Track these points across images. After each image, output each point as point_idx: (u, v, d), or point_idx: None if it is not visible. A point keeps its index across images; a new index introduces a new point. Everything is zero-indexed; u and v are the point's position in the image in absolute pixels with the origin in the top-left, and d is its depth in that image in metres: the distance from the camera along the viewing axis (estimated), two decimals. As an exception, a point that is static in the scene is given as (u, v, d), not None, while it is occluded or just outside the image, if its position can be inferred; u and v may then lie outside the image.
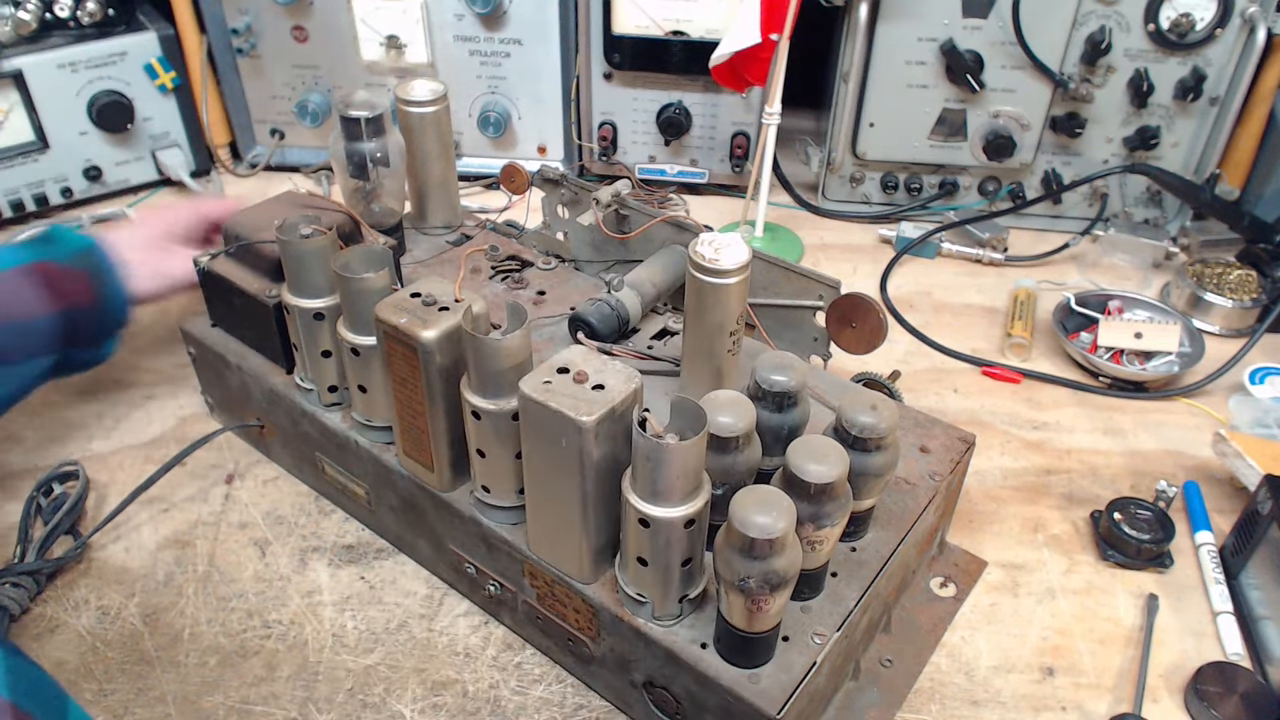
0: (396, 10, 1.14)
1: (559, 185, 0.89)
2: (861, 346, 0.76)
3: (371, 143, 0.81)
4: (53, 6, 1.09)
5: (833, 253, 1.16)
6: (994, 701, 0.67)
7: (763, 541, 0.49)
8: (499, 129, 1.21)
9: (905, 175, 1.19)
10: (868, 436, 0.58)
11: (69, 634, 0.70)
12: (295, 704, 0.66)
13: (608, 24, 1.11)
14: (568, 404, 0.54)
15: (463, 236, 0.91)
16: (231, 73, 1.20)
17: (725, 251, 0.63)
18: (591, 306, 0.75)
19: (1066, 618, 0.73)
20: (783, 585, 0.51)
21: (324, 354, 0.71)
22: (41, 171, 1.14)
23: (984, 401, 0.94)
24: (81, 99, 1.13)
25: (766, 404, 0.61)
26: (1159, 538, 0.76)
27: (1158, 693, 0.68)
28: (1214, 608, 0.74)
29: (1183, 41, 1.05)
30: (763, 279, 0.79)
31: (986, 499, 0.83)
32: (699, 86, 1.16)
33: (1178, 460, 0.87)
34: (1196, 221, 1.15)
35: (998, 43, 1.07)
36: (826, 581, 0.62)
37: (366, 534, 0.78)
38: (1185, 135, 1.12)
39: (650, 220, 0.83)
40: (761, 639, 0.55)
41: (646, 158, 1.22)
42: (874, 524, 0.66)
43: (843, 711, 0.65)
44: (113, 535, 0.78)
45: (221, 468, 0.84)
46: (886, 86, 1.12)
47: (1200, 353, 0.96)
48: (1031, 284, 1.07)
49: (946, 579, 0.76)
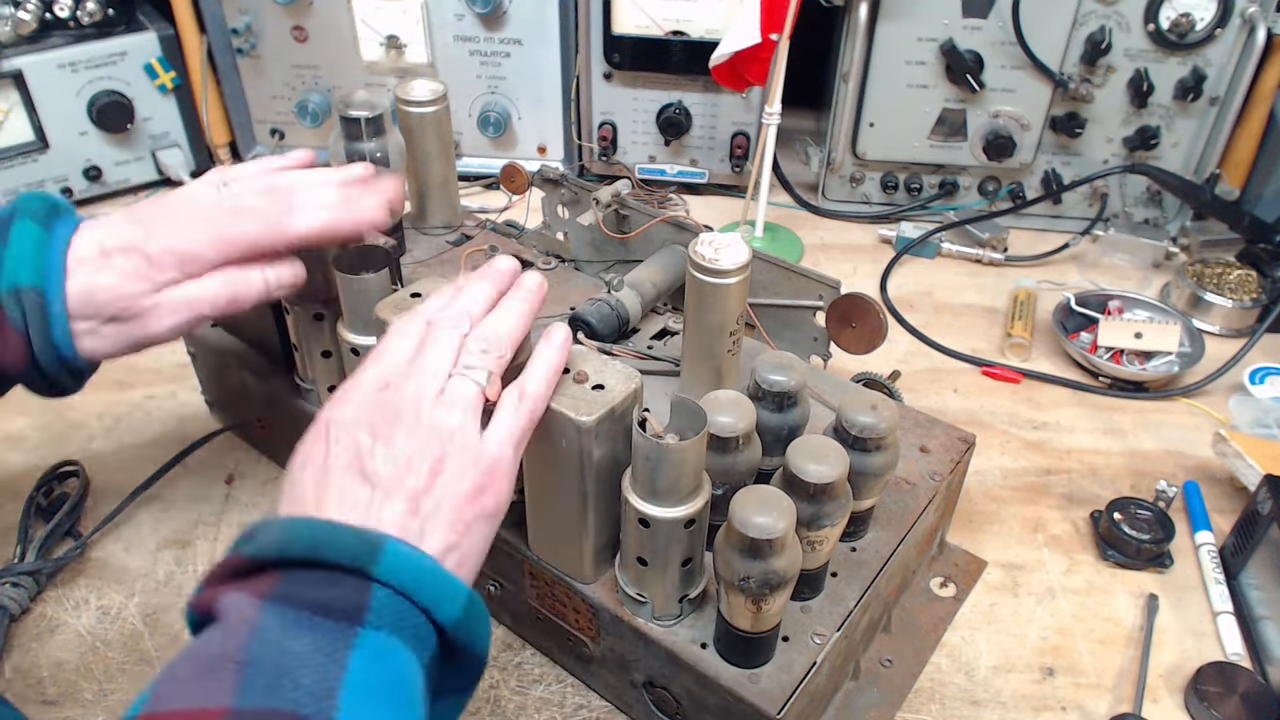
0: (396, 10, 1.14)
1: (559, 185, 0.89)
2: (861, 346, 0.76)
3: (371, 143, 0.81)
4: (53, 6, 1.09)
5: (833, 253, 1.16)
6: (994, 701, 0.67)
7: (763, 541, 0.49)
8: (499, 129, 1.21)
9: (905, 175, 1.19)
10: (868, 436, 0.58)
11: (69, 634, 0.70)
12: (295, 704, 0.66)
13: (608, 24, 1.11)
14: (568, 404, 0.54)
15: (463, 236, 0.91)
16: (231, 73, 1.20)
17: (725, 251, 0.63)
18: (591, 306, 0.75)
19: (1066, 618, 0.73)
20: (783, 585, 0.51)
21: (324, 354, 0.71)
22: (41, 171, 1.14)
23: (984, 401, 0.94)
24: (81, 99, 1.13)
25: (766, 404, 0.61)
26: (1159, 538, 0.76)
27: (1158, 693, 0.68)
28: (1214, 608, 0.74)
29: (1183, 41, 1.05)
30: (763, 279, 0.79)
31: (986, 499, 0.83)
32: (699, 86, 1.16)
33: (1178, 460, 0.87)
34: (1196, 221, 1.15)
35: (998, 43, 1.07)
36: (826, 581, 0.62)
37: (366, 534, 0.78)
38: (1185, 135, 1.11)
39: (650, 220, 0.83)
40: (761, 639, 0.55)
41: (646, 158, 1.22)
42: (874, 524, 0.66)
43: (843, 711, 0.65)
44: (113, 535, 0.78)
45: (221, 468, 0.84)
46: (886, 86, 1.12)
47: (1200, 353, 0.96)
48: (1031, 284, 1.07)
49: (946, 579, 0.76)
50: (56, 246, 0.58)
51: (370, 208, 0.65)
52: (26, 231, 0.58)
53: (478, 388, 0.51)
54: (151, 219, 0.60)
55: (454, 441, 0.48)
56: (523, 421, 0.51)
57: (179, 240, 0.59)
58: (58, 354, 0.58)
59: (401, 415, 0.48)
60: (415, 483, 0.47)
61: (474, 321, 0.54)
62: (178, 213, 0.61)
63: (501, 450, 0.50)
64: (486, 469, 0.49)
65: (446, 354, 0.51)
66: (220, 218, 0.61)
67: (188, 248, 0.59)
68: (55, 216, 0.60)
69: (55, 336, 0.58)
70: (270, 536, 0.44)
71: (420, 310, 0.55)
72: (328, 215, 0.63)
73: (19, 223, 0.58)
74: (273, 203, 0.62)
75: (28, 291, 0.56)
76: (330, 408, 0.50)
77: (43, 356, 0.58)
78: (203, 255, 0.60)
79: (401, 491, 0.46)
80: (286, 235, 0.61)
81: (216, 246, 0.60)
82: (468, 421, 0.49)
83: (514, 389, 0.52)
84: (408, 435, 0.48)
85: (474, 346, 0.52)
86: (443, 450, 0.48)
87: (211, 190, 0.62)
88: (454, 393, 0.50)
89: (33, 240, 0.58)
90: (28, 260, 0.57)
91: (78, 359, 0.59)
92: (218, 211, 0.61)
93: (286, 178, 0.64)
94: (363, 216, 0.64)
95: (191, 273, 0.60)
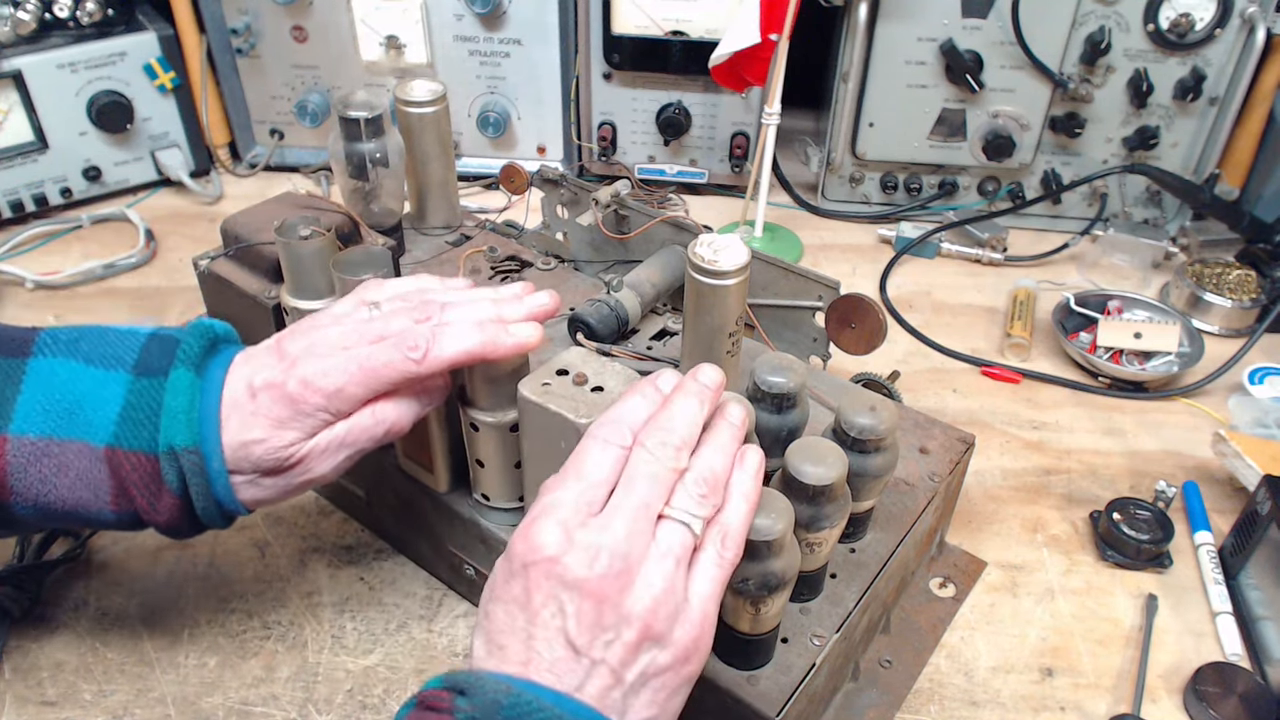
0: (396, 10, 1.14)
1: (558, 185, 0.89)
2: (861, 347, 0.76)
3: (371, 143, 0.81)
4: (52, 6, 1.09)
5: (832, 253, 1.16)
6: (993, 702, 0.67)
7: (761, 543, 0.49)
8: (498, 129, 1.21)
9: (905, 175, 1.19)
10: (867, 437, 0.58)
11: (69, 634, 0.70)
12: (295, 705, 0.66)
13: (607, 24, 1.11)
14: (567, 406, 0.54)
15: (462, 237, 0.91)
16: (231, 73, 1.20)
17: (724, 252, 0.63)
18: (591, 307, 0.75)
19: (1066, 618, 0.73)
20: (781, 587, 0.51)
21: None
22: (41, 172, 1.14)
23: (983, 402, 0.94)
24: (81, 99, 1.13)
25: (765, 405, 0.61)
26: (1158, 538, 0.76)
27: (1157, 693, 0.68)
28: (1213, 608, 0.74)
29: (1182, 41, 1.05)
30: (762, 279, 0.79)
31: (986, 499, 0.83)
32: (699, 86, 1.16)
33: (1177, 460, 0.88)
34: (1196, 221, 1.15)
35: (997, 43, 1.07)
36: (826, 583, 0.62)
37: (366, 535, 0.78)
38: (1185, 135, 1.11)
39: (650, 220, 0.83)
40: (760, 641, 0.55)
41: (646, 158, 1.22)
42: (873, 525, 0.66)
43: (842, 712, 0.65)
44: (113, 535, 0.77)
45: (221, 468, 0.84)
46: (886, 86, 1.12)
47: (1200, 353, 0.96)
48: (1031, 284, 1.07)
49: (946, 579, 0.76)
50: (210, 397, 0.55)
51: (524, 335, 0.58)
52: (181, 382, 0.55)
53: (693, 539, 0.46)
54: (295, 354, 0.57)
55: (665, 602, 0.44)
56: (727, 572, 0.47)
57: (324, 379, 0.55)
58: (220, 508, 0.57)
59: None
60: (621, 653, 0.44)
61: (685, 448, 0.48)
62: (320, 345, 0.57)
63: (707, 610, 0.46)
64: (695, 635, 0.45)
65: (659, 488, 0.47)
66: (367, 351, 0.56)
67: (333, 386, 0.55)
68: (211, 355, 0.58)
69: (217, 493, 0.56)
70: (486, 708, 0.42)
71: (619, 418, 0.49)
72: (479, 339, 0.57)
73: (175, 372, 0.56)
74: (422, 328, 0.57)
75: (184, 453, 0.54)
76: (532, 538, 0.45)
77: (205, 514, 0.57)
78: (348, 392, 0.56)
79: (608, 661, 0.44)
80: (434, 365, 0.56)
81: (362, 384, 0.56)
82: (679, 579, 0.45)
83: (716, 533, 0.47)
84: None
85: (694, 489, 0.47)
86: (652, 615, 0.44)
87: (361, 311, 0.59)
88: (668, 542, 0.45)
89: (186, 391, 0.55)
90: (182, 416, 0.55)
91: (239, 509, 0.57)
92: (362, 342, 0.57)
93: (439, 295, 0.60)
94: (516, 341, 0.57)
95: (342, 411, 0.56)
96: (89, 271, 1.07)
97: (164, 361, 0.56)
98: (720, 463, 0.49)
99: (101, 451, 0.55)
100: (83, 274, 1.06)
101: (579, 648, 0.43)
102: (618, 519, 0.45)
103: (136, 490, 0.55)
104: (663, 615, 0.44)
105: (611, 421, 0.49)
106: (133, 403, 0.55)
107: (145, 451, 0.55)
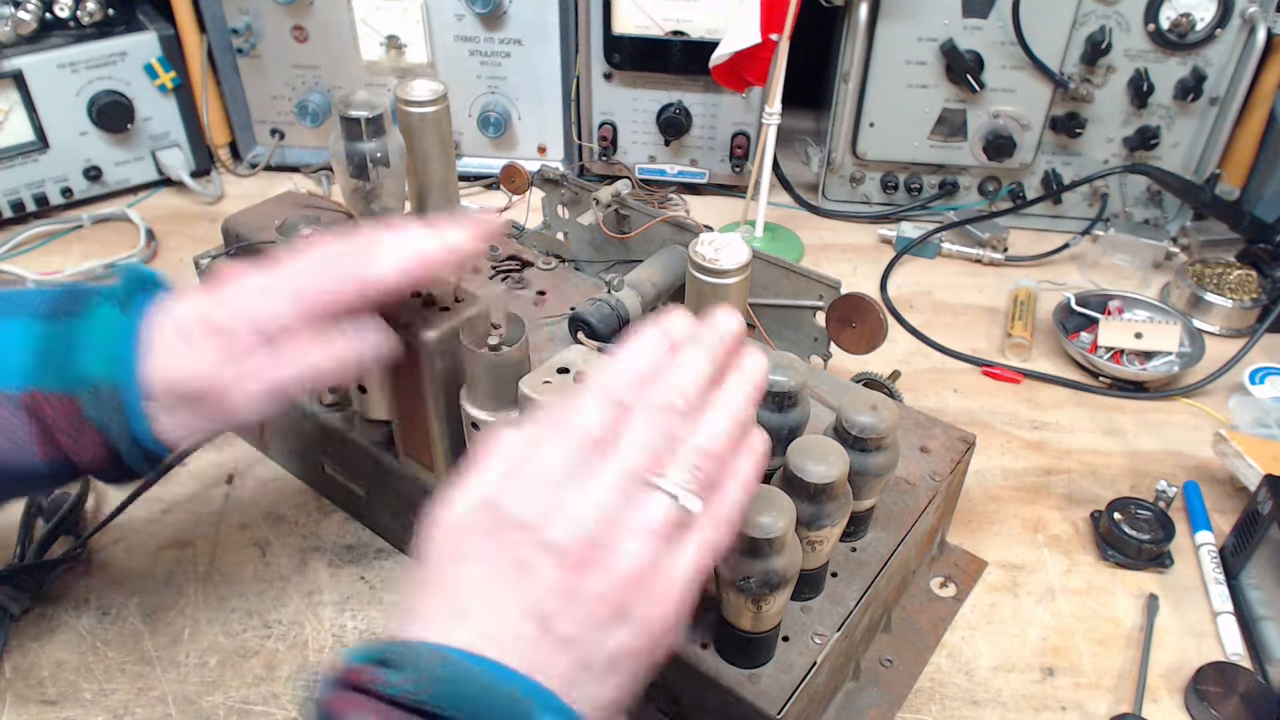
0: (396, 10, 1.14)
1: (559, 185, 0.89)
2: (861, 346, 0.76)
3: (371, 143, 0.80)
4: (53, 6, 1.09)
5: (833, 253, 1.16)
6: (994, 701, 0.67)
7: (763, 541, 0.49)
8: (499, 129, 1.21)
9: (905, 175, 1.19)
10: (868, 436, 0.58)
11: (69, 634, 0.70)
12: (295, 704, 0.66)
13: (608, 24, 1.11)
14: (568, 404, 0.54)
15: (463, 236, 0.91)
16: (231, 73, 1.20)
17: (725, 252, 0.63)
18: (591, 306, 0.75)
19: (1066, 618, 0.73)
20: (783, 585, 0.51)
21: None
22: (41, 171, 1.14)
23: (984, 401, 0.94)
24: (81, 99, 1.13)
25: (766, 404, 0.61)
26: (1159, 538, 0.76)
27: (1158, 693, 0.68)
28: (1214, 608, 0.74)
29: (1183, 41, 1.05)
30: (763, 279, 0.79)
31: (986, 499, 0.83)
32: (699, 86, 1.16)
33: (1178, 460, 0.87)
34: (1196, 221, 1.15)
35: (998, 43, 1.07)
36: (827, 581, 0.62)
37: (366, 534, 0.78)
38: (1185, 135, 1.11)
39: (650, 220, 0.83)
40: (761, 639, 0.55)
41: (646, 158, 1.22)
42: (874, 524, 0.66)
43: (843, 711, 0.65)
44: (113, 535, 0.77)
45: (221, 468, 0.84)
46: (886, 86, 1.12)
47: (1200, 353, 0.96)
48: (1031, 284, 1.07)
49: (946, 579, 0.76)
50: (130, 329, 0.54)
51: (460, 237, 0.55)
52: (102, 317, 0.54)
53: (681, 515, 0.42)
54: (223, 283, 0.55)
55: (644, 581, 0.41)
56: (711, 557, 0.43)
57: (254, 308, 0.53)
58: (139, 445, 0.54)
59: None
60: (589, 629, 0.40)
61: (689, 412, 0.44)
62: (250, 271, 0.55)
63: (685, 593, 0.42)
64: (668, 618, 0.41)
65: (652, 455, 0.42)
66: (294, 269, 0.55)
67: (259, 308, 0.53)
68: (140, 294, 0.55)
69: (134, 427, 0.53)
70: (420, 683, 0.37)
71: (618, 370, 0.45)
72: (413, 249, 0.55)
73: (98, 310, 0.54)
74: (353, 247, 0.55)
75: (102, 384, 0.52)
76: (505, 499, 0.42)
77: (128, 456, 0.54)
78: (280, 321, 0.53)
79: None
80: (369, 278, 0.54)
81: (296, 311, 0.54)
82: (661, 557, 0.41)
83: (707, 513, 0.43)
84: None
85: (688, 458, 0.43)
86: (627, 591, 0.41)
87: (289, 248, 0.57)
88: (655, 515, 0.41)
89: (105, 324, 0.53)
90: (99, 349, 0.53)
91: (159, 448, 0.55)
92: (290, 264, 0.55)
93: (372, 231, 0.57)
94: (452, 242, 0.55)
95: (271, 337, 0.54)
96: (89, 271, 1.07)
97: (79, 306, 0.54)
98: (725, 432, 0.44)
99: (20, 398, 0.52)
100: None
101: (544, 621, 0.39)
102: (603, 484, 0.41)
103: (60, 433, 0.53)
104: (638, 594, 0.41)
105: (610, 373, 0.45)
106: (49, 346, 0.53)
107: (66, 392, 0.52)
